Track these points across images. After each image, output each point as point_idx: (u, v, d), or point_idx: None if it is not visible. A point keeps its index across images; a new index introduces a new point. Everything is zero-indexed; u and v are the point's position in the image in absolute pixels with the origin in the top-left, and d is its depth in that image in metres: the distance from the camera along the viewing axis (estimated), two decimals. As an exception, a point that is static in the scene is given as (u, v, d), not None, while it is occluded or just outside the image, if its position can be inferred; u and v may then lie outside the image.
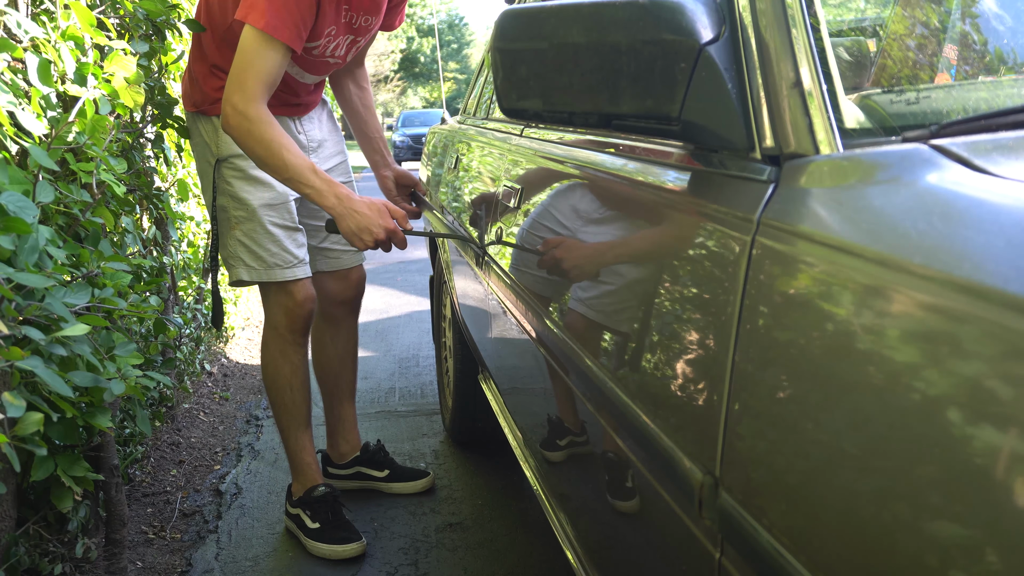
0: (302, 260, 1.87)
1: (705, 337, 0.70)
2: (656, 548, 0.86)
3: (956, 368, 0.44)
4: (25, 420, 0.95)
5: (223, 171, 1.80)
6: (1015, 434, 0.40)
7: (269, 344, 1.93)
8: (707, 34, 0.75)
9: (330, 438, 2.21)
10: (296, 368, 1.93)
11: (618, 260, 0.97)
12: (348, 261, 2.06)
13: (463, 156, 2.24)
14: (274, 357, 1.92)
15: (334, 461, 2.22)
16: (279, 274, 1.83)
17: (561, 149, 1.35)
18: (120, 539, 1.76)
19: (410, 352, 3.61)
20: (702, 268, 0.75)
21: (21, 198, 1.12)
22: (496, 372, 1.77)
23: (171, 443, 2.53)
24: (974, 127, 0.62)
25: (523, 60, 0.83)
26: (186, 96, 1.86)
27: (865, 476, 0.49)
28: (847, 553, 0.50)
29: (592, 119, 0.83)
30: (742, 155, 0.75)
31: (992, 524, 0.40)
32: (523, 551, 1.90)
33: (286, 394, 1.94)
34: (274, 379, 1.95)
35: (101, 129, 1.51)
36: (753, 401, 0.61)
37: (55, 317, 1.16)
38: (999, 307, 0.43)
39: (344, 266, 2.06)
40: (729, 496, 0.62)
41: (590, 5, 0.79)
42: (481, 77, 2.71)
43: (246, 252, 1.82)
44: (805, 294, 0.58)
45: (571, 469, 1.23)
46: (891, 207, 0.56)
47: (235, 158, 1.79)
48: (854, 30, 0.94)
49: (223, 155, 1.79)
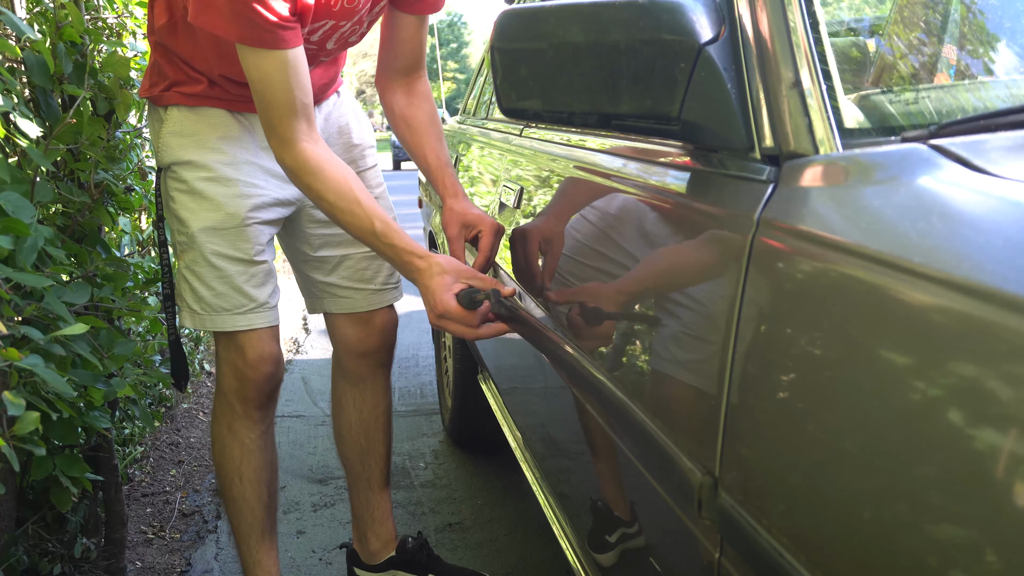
0: (262, 304, 1.41)
1: (704, 337, 0.70)
2: (656, 548, 0.86)
3: (956, 368, 0.44)
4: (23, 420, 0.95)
5: (167, 182, 1.40)
6: (1015, 434, 0.40)
7: (217, 415, 1.49)
8: (706, 34, 0.75)
9: (357, 531, 1.69)
10: (248, 452, 1.46)
11: (617, 260, 0.97)
12: (365, 302, 1.55)
13: (463, 156, 2.24)
14: (221, 434, 1.47)
15: (363, 560, 1.69)
16: (225, 321, 1.39)
17: (561, 149, 1.35)
18: (119, 539, 1.76)
19: (410, 352, 3.61)
20: (701, 268, 0.75)
21: (19, 198, 1.12)
22: (496, 372, 1.77)
23: (171, 443, 2.53)
24: (973, 127, 0.62)
25: (523, 60, 0.83)
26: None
27: (865, 476, 0.49)
28: (847, 553, 0.50)
29: (592, 119, 0.83)
30: (741, 155, 0.75)
31: (992, 524, 0.40)
32: (523, 551, 1.90)
33: (234, 486, 1.48)
34: (220, 463, 1.49)
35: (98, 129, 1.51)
36: (753, 401, 0.61)
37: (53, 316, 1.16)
38: (998, 307, 0.43)
39: (360, 308, 1.56)
40: (729, 496, 0.62)
41: (590, 5, 0.79)
42: (481, 77, 2.71)
43: (188, 290, 1.41)
44: (805, 294, 0.58)
45: (571, 469, 1.23)
46: (890, 207, 0.56)
47: (178, 167, 1.37)
48: (854, 30, 0.94)
49: (164, 162, 1.39)
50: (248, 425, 1.46)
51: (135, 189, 1.77)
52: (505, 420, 1.77)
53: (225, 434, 1.47)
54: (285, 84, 1.18)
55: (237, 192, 1.37)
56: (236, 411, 1.45)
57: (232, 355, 1.42)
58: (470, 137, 2.25)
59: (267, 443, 1.50)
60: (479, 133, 2.18)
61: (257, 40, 1.14)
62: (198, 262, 1.38)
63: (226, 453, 1.47)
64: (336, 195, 1.23)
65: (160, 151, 1.39)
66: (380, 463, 1.64)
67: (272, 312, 1.44)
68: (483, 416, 2.28)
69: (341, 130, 1.54)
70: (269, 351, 1.42)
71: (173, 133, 1.37)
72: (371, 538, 1.66)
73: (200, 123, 1.36)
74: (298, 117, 1.20)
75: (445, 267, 1.19)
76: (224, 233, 1.37)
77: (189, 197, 1.37)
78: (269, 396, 1.47)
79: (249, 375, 1.41)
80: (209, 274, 1.38)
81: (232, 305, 1.39)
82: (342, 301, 1.56)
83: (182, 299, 1.43)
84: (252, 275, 1.40)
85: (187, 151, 1.36)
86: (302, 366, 3.40)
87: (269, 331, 1.43)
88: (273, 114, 1.20)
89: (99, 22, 1.71)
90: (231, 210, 1.36)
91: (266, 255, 1.43)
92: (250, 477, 1.48)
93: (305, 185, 1.24)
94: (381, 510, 1.66)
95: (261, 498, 1.50)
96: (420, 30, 1.41)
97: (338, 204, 1.23)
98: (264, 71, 1.17)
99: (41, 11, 1.49)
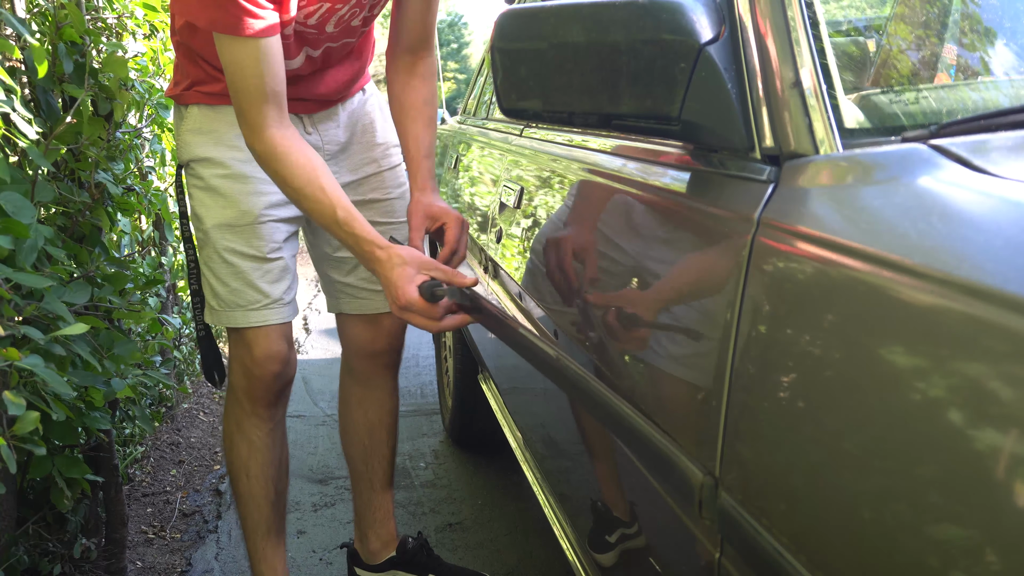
0: (277, 300, 1.41)
1: (705, 337, 0.70)
2: (656, 548, 0.86)
3: (956, 368, 0.44)
4: (23, 419, 0.95)
5: (187, 179, 1.43)
6: (1015, 434, 0.40)
7: (227, 411, 1.50)
8: (707, 34, 0.75)
9: (358, 530, 1.70)
10: (255, 449, 1.47)
11: (618, 260, 0.97)
12: (378, 304, 1.55)
13: (463, 156, 2.24)
14: (230, 431, 1.49)
15: (364, 560, 1.69)
16: (237, 317, 1.40)
17: (561, 149, 1.35)
18: (120, 539, 1.76)
19: (410, 352, 3.61)
20: (702, 268, 0.75)
21: (19, 199, 1.12)
22: (496, 372, 1.77)
23: (171, 443, 2.53)
24: (973, 127, 0.62)
25: (523, 60, 0.83)
26: None
27: (865, 476, 0.49)
28: (847, 553, 0.50)
29: (592, 119, 0.83)
30: (742, 155, 0.75)
31: (992, 524, 0.40)
32: (523, 551, 1.90)
33: (241, 482, 1.49)
34: (229, 460, 1.51)
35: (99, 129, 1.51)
36: (753, 401, 0.61)
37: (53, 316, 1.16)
38: (998, 307, 0.43)
39: (373, 310, 1.56)
40: (729, 496, 0.62)
41: (590, 5, 0.79)
42: (481, 77, 2.71)
43: (207, 286, 1.43)
44: (805, 294, 0.58)
45: (571, 469, 1.23)
46: (890, 207, 0.56)
47: (196, 163, 1.40)
48: (854, 30, 0.94)
49: (183, 159, 1.42)
50: (256, 423, 1.46)
51: (135, 189, 1.77)
52: (505, 420, 1.77)
53: (234, 431, 1.47)
54: (256, 71, 1.17)
55: (253, 189, 1.37)
56: (244, 408, 1.45)
57: (241, 352, 1.42)
58: (470, 137, 2.25)
59: (275, 441, 1.50)
60: (479, 133, 2.18)
61: (227, 27, 1.14)
62: (213, 259, 1.39)
63: (234, 450, 1.48)
64: (302, 181, 1.21)
65: (180, 148, 1.41)
66: (383, 464, 1.64)
67: (287, 308, 1.43)
68: (483, 416, 2.28)
69: (365, 128, 1.53)
70: (277, 349, 1.41)
71: (192, 131, 1.38)
72: (372, 538, 1.67)
73: (219, 121, 1.37)
74: (268, 103, 1.19)
75: (406, 258, 1.17)
76: (238, 230, 1.37)
77: (206, 194, 1.38)
78: (277, 395, 1.46)
79: (256, 373, 1.41)
80: (223, 270, 1.39)
81: (246, 301, 1.39)
82: (357, 302, 1.57)
83: (206, 293, 1.44)
84: (266, 271, 1.40)
85: (205, 148, 1.38)
86: (303, 366, 3.40)
87: (279, 329, 1.42)
88: (243, 99, 1.19)
89: (99, 22, 1.71)
90: (245, 207, 1.37)
91: (283, 252, 1.42)
92: (257, 474, 1.48)
93: (272, 171, 1.23)
94: (383, 510, 1.66)
95: (268, 495, 1.50)
96: (426, 8, 1.38)
97: (304, 191, 1.22)
98: (236, 56, 1.16)
99: (41, 11, 1.49)
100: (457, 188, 2.19)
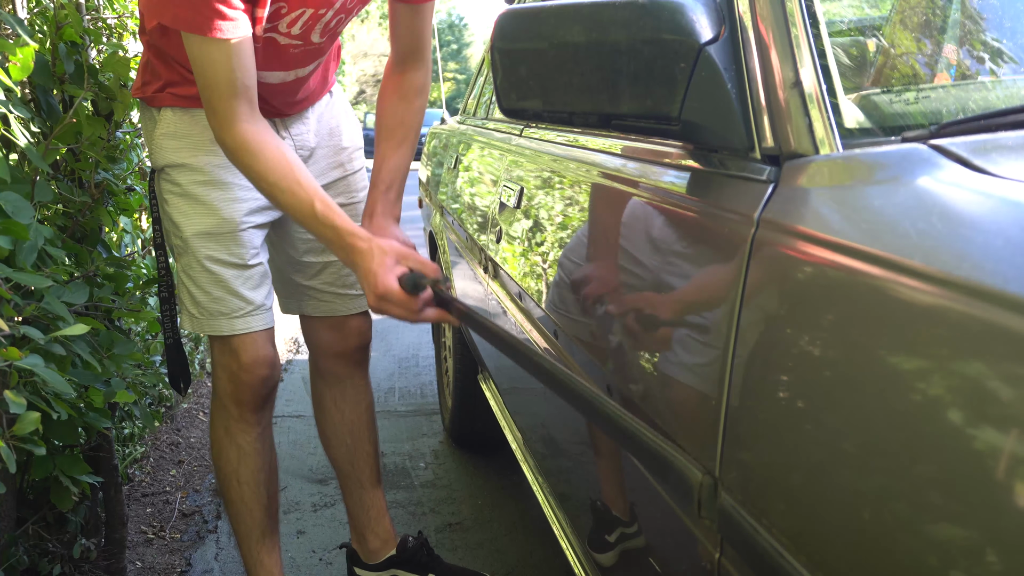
0: (259, 306, 1.40)
1: (705, 337, 0.70)
2: (656, 548, 0.86)
3: (956, 368, 0.44)
4: (23, 419, 0.95)
5: (161, 184, 1.38)
6: (1015, 434, 0.40)
7: (214, 418, 1.48)
8: (707, 34, 0.75)
9: (355, 531, 1.68)
10: (245, 454, 1.46)
11: (618, 260, 0.97)
12: (343, 307, 1.55)
13: (463, 156, 2.24)
14: (218, 436, 1.47)
15: (363, 560, 1.68)
16: (222, 325, 1.38)
17: (561, 149, 1.35)
18: (119, 539, 1.76)
19: (410, 352, 3.61)
20: (702, 268, 0.75)
21: (19, 199, 1.12)
22: (496, 372, 1.77)
23: (170, 443, 2.53)
24: (973, 127, 0.62)
25: (523, 60, 0.83)
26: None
27: (865, 476, 0.49)
28: (847, 553, 0.50)
29: (592, 119, 0.83)
30: (742, 155, 0.75)
31: (992, 524, 0.40)
32: (523, 551, 1.90)
33: (232, 488, 1.48)
34: (218, 466, 1.50)
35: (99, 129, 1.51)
36: (753, 401, 0.61)
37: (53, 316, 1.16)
38: (998, 307, 0.43)
39: (337, 312, 1.55)
40: (729, 496, 0.62)
41: (590, 5, 0.79)
42: (481, 77, 2.71)
43: (186, 294, 1.40)
44: (805, 294, 0.58)
45: (571, 469, 1.23)
46: (891, 207, 0.56)
47: (172, 169, 1.35)
48: (854, 30, 0.94)
49: (157, 164, 1.37)
50: (244, 428, 1.45)
51: (135, 189, 1.77)
52: (505, 420, 1.77)
53: (222, 437, 1.46)
54: (227, 66, 1.15)
55: (233, 196, 1.35)
56: (232, 414, 1.44)
57: (227, 359, 1.41)
58: (470, 137, 2.25)
59: (264, 445, 1.49)
60: (479, 133, 2.18)
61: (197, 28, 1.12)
62: (193, 267, 1.37)
63: (223, 456, 1.47)
64: (277, 175, 1.19)
65: (154, 153, 1.37)
66: (369, 461, 1.63)
67: (268, 314, 1.42)
68: (483, 416, 2.28)
69: (332, 132, 1.52)
70: (264, 354, 1.41)
71: (167, 135, 1.35)
72: (370, 537, 1.66)
73: (195, 125, 1.34)
74: (239, 98, 1.18)
75: (387, 250, 1.17)
76: (219, 238, 1.35)
77: (183, 200, 1.35)
78: (265, 399, 1.45)
79: (244, 378, 1.40)
80: (204, 278, 1.37)
81: (229, 309, 1.37)
82: (323, 305, 1.55)
83: (182, 302, 1.42)
84: (247, 278, 1.39)
85: (181, 154, 1.34)
86: (302, 366, 3.40)
87: (264, 334, 1.41)
88: (213, 94, 1.17)
89: (99, 22, 1.71)
90: (226, 215, 1.35)
91: (260, 257, 1.42)
92: (248, 479, 1.47)
93: (245, 165, 1.21)
94: (376, 508, 1.65)
95: (260, 500, 1.49)
96: (413, 20, 1.36)
97: (279, 184, 1.20)
98: (205, 52, 1.14)
99: (41, 11, 1.49)
100: (457, 188, 2.19)
